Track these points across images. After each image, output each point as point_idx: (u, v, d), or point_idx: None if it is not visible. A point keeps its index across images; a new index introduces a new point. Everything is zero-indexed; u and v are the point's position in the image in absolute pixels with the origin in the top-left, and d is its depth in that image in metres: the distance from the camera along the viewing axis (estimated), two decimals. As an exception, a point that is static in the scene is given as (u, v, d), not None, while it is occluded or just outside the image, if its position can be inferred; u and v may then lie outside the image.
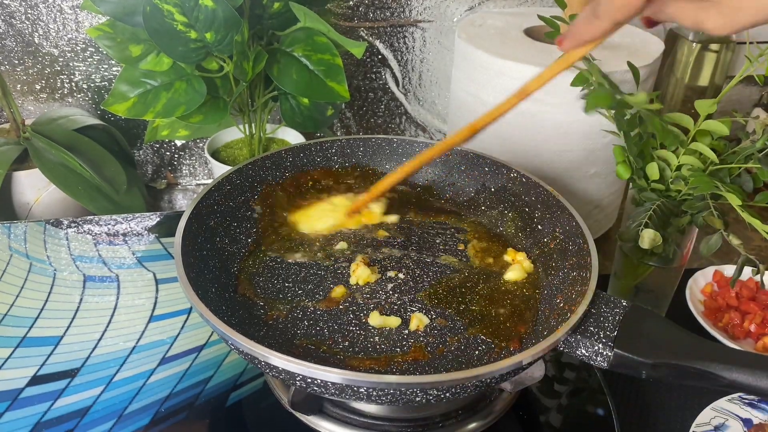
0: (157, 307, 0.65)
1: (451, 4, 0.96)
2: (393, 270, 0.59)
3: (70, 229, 0.75)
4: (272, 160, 0.67)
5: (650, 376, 0.45)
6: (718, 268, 0.78)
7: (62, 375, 0.57)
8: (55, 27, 0.88)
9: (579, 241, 0.56)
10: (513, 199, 0.67)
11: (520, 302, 0.57)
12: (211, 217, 0.59)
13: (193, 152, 1.00)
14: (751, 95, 1.06)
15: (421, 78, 1.02)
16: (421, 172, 0.72)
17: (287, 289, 0.57)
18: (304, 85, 0.78)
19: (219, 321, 0.45)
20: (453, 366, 0.50)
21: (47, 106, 0.93)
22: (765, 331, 0.70)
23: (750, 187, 0.63)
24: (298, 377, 0.43)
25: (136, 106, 0.76)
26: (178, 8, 0.68)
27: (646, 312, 0.49)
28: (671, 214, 0.63)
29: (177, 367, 0.59)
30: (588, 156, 0.77)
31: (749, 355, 0.44)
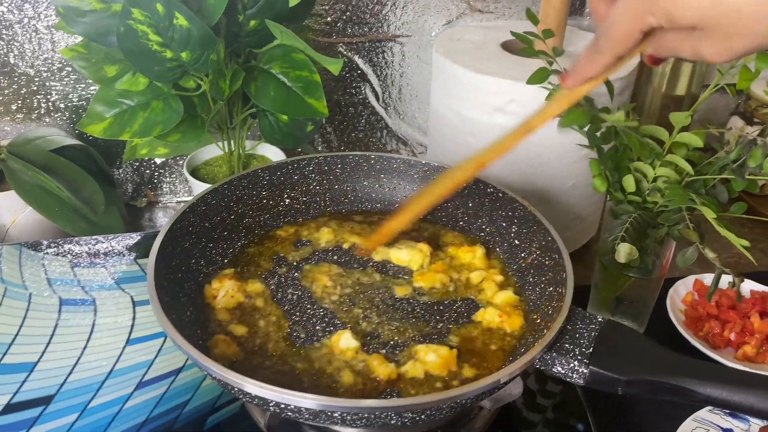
0: (134, 329, 0.64)
1: (428, 18, 0.97)
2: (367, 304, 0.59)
3: (50, 249, 0.74)
4: (248, 179, 0.66)
5: (626, 392, 0.45)
6: (699, 277, 0.79)
7: (36, 402, 0.56)
8: (31, 47, 0.87)
9: (555, 256, 0.56)
10: (490, 214, 0.67)
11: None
12: (186, 239, 0.59)
13: (173, 170, 1.00)
14: (728, 104, 1.07)
15: (401, 92, 1.02)
16: (397, 188, 0.72)
17: (263, 312, 0.56)
18: (282, 102, 0.77)
19: (190, 347, 0.44)
20: (430, 385, 0.49)
21: (24, 126, 0.92)
22: (745, 340, 0.70)
23: (725, 198, 0.63)
24: (272, 403, 0.42)
25: (113, 126, 0.75)
26: (152, 28, 0.68)
27: (622, 327, 0.49)
28: (648, 226, 0.63)
29: (154, 391, 0.58)
30: (566, 168, 0.78)
31: (724, 369, 0.45)
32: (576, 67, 0.43)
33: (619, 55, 0.39)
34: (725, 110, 1.07)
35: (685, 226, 0.59)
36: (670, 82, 0.98)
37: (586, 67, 0.42)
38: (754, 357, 0.69)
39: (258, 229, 0.67)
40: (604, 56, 0.40)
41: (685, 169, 0.61)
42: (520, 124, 0.50)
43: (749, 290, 0.77)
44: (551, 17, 0.78)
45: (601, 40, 0.40)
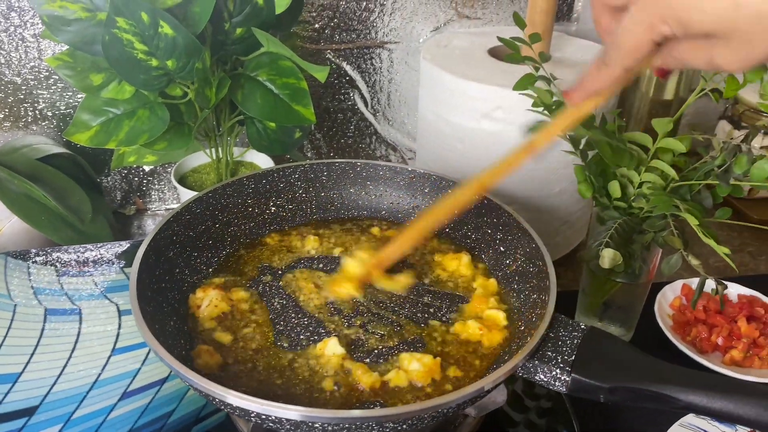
0: (119, 339, 0.64)
1: (416, 25, 0.97)
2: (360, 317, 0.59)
3: (38, 258, 0.74)
4: (233, 187, 0.66)
5: (608, 399, 0.45)
6: (687, 282, 0.79)
7: (19, 414, 0.55)
8: (18, 55, 0.87)
9: (539, 263, 0.56)
10: (476, 221, 0.67)
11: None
12: (170, 248, 0.59)
13: (161, 177, 0.99)
14: (716, 108, 1.07)
15: (390, 98, 1.02)
16: (384, 195, 0.72)
17: (247, 321, 0.56)
18: (269, 109, 0.77)
19: (172, 358, 0.44)
20: (414, 394, 0.49)
21: (11, 135, 0.92)
22: (732, 344, 0.70)
23: (710, 204, 0.63)
24: (253, 414, 0.42)
25: (99, 134, 0.75)
26: (137, 37, 0.68)
27: (604, 335, 0.49)
28: (634, 232, 0.63)
29: (138, 401, 0.58)
30: (552, 174, 0.78)
31: (705, 376, 0.45)
32: (582, 81, 0.42)
33: (628, 67, 0.38)
34: (714, 114, 1.08)
35: (670, 232, 0.59)
36: (658, 86, 0.98)
37: (593, 80, 0.41)
38: (741, 361, 0.69)
39: (243, 238, 0.67)
40: (613, 68, 0.39)
41: (670, 174, 0.61)
42: (523, 143, 0.48)
43: (736, 294, 0.77)
44: (538, 22, 0.78)
45: (609, 52, 0.38)
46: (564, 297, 0.52)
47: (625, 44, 0.37)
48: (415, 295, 0.60)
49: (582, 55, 0.84)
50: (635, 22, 0.36)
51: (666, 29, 0.34)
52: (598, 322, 0.72)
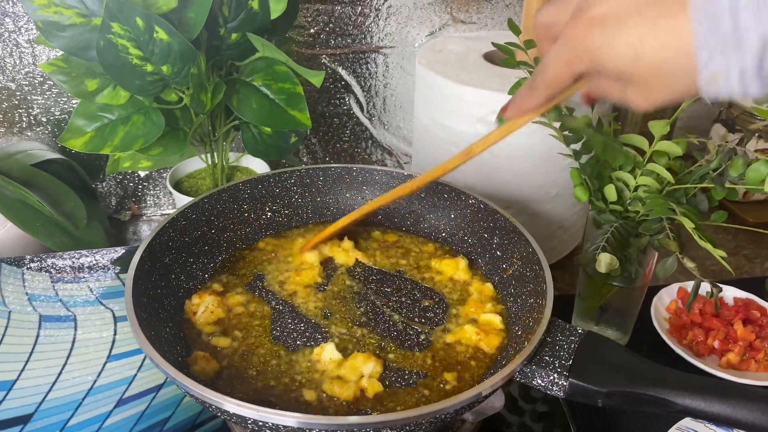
0: (115, 345, 0.64)
1: (411, 29, 0.97)
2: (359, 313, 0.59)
3: (33, 264, 0.74)
4: (229, 192, 0.66)
5: (605, 404, 0.45)
6: (683, 285, 0.79)
7: (14, 422, 0.55)
8: (12, 61, 0.87)
9: (536, 268, 0.56)
10: (472, 225, 0.67)
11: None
12: (165, 255, 0.58)
13: (156, 183, 0.99)
14: (711, 111, 1.08)
15: (386, 103, 1.02)
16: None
17: (244, 326, 0.56)
18: (264, 114, 0.77)
19: (168, 364, 0.44)
20: (411, 400, 0.49)
21: (5, 141, 0.91)
22: (728, 348, 0.70)
23: (705, 207, 0.64)
24: (250, 420, 0.42)
25: (93, 140, 0.75)
26: (132, 42, 0.68)
27: (601, 339, 0.49)
28: (630, 235, 0.63)
29: (134, 408, 0.57)
30: (549, 177, 0.78)
31: (701, 380, 0.45)
32: (515, 99, 0.45)
33: (551, 94, 0.41)
34: (708, 117, 1.08)
35: (666, 235, 0.59)
36: (653, 90, 0.98)
37: (523, 101, 0.44)
38: (737, 364, 0.69)
39: (239, 243, 0.66)
40: (539, 93, 0.42)
41: (666, 178, 0.61)
42: (463, 150, 0.53)
43: (732, 297, 0.77)
44: (532, 28, 0.78)
45: (536, 80, 0.41)
46: (560, 301, 0.52)
47: (547, 75, 0.40)
48: (411, 300, 0.60)
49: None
50: (555, 58, 0.38)
51: (582, 67, 0.37)
52: (594, 326, 0.72)
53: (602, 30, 0.34)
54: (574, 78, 0.38)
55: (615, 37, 0.34)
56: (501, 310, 0.59)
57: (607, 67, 0.35)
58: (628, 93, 0.37)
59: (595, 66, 0.36)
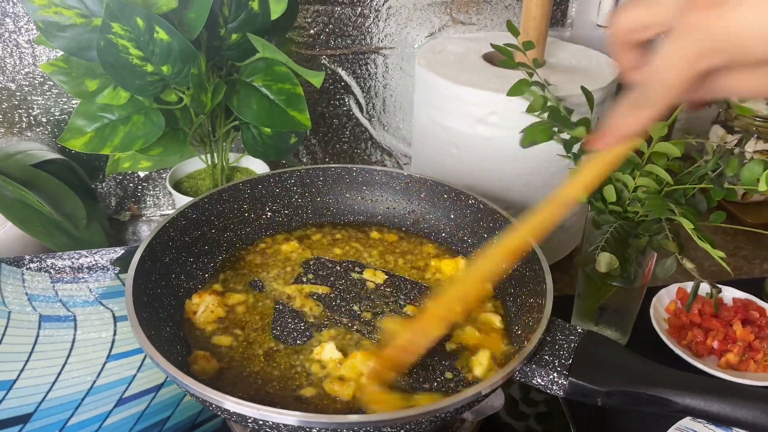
0: (115, 345, 0.64)
1: (411, 30, 0.97)
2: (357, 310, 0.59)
3: (33, 264, 0.74)
4: (229, 192, 0.66)
5: (605, 403, 0.45)
6: (682, 285, 0.79)
7: (14, 421, 0.55)
8: (12, 61, 0.87)
9: (535, 267, 0.56)
10: (472, 225, 0.67)
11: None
12: (165, 254, 0.58)
13: (156, 183, 0.99)
14: (710, 112, 1.08)
15: (385, 103, 1.02)
16: (380, 200, 0.72)
17: (244, 325, 0.56)
18: (264, 114, 0.77)
19: (168, 363, 0.44)
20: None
21: (5, 141, 0.91)
22: (728, 348, 0.71)
23: (704, 208, 0.64)
24: (250, 419, 0.42)
25: (93, 140, 0.75)
26: (132, 42, 0.68)
27: (601, 338, 0.49)
28: (629, 236, 0.63)
29: (134, 408, 0.57)
30: (548, 178, 0.78)
31: (701, 379, 0.45)
32: (612, 125, 0.38)
33: (670, 104, 0.35)
34: (707, 119, 1.08)
35: (665, 236, 0.60)
36: (652, 91, 0.99)
37: (629, 122, 0.37)
38: (736, 365, 0.69)
39: (239, 243, 0.66)
40: (653, 108, 0.35)
41: (665, 178, 0.61)
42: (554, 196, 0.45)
43: (731, 298, 0.78)
44: (531, 29, 0.79)
45: (647, 91, 0.35)
46: (560, 301, 0.52)
47: (667, 81, 0.33)
48: (411, 300, 0.60)
49: (576, 61, 0.85)
50: (677, 56, 0.33)
51: (716, 60, 0.31)
52: (594, 326, 0.73)
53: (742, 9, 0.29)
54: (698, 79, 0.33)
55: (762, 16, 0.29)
56: (500, 309, 0.59)
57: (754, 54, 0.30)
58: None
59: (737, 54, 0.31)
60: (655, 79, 0.34)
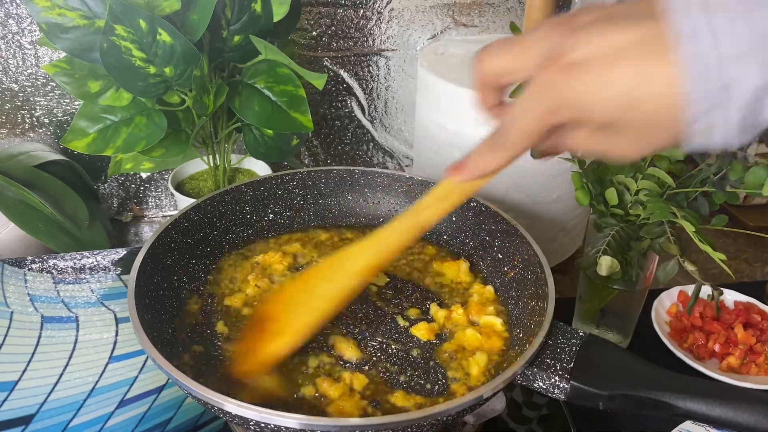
0: (117, 346, 0.64)
1: (413, 33, 0.97)
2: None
3: (35, 265, 0.74)
4: (232, 194, 0.66)
5: (607, 407, 0.45)
6: (683, 288, 0.79)
7: (16, 422, 0.55)
8: (15, 62, 0.87)
9: (537, 271, 0.56)
10: (474, 228, 0.67)
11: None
12: (168, 256, 0.59)
13: (158, 184, 0.99)
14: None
15: (387, 105, 1.02)
16: (381, 202, 0.72)
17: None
18: (266, 116, 0.78)
19: (170, 365, 0.44)
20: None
21: (8, 142, 0.92)
22: (729, 351, 0.70)
23: (706, 211, 0.64)
24: (252, 422, 0.42)
25: (96, 141, 0.75)
26: (135, 44, 0.68)
27: (602, 342, 0.49)
28: (631, 239, 0.64)
29: (136, 409, 0.57)
30: (550, 180, 0.78)
31: (703, 383, 0.45)
32: (471, 161, 0.40)
33: (521, 151, 0.37)
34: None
35: (666, 239, 0.60)
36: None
37: (483, 162, 0.39)
38: (738, 368, 0.69)
39: (241, 245, 0.66)
40: (506, 152, 0.37)
41: (667, 182, 0.61)
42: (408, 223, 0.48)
43: (733, 301, 0.77)
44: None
45: (502, 136, 0.36)
46: (561, 304, 0.52)
47: (520, 129, 0.35)
48: (413, 302, 0.60)
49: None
50: (529, 109, 0.34)
51: (564, 116, 0.33)
52: (595, 329, 0.73)
53: (589, 76, 0.31)
54: (547, 132, 0.34)
55: (606, 84, 0.31)
56: (502, 312, 0.59)
57: (598, 116, 0.32)
58: (613, 143, 0.33)
59: (581, 115, 0.32)
60: (510, 126, 0.36)
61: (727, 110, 0.29)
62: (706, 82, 0.29)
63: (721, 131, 0.30)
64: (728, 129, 0.30)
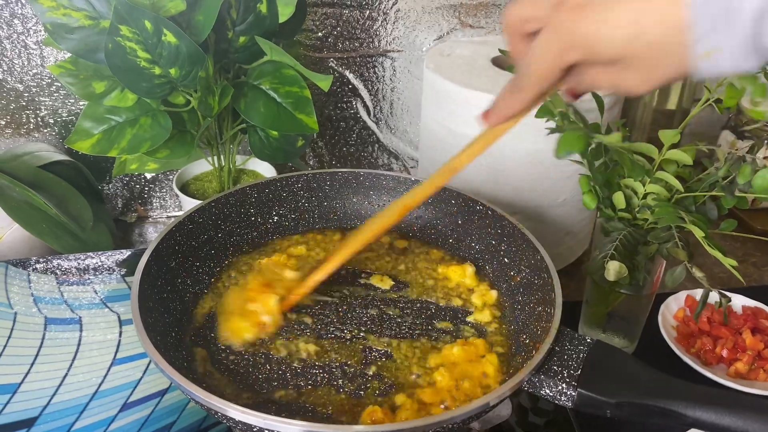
0: (120, 349, 0.64)
1: (419, 34, 0.97)
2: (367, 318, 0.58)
3: (39, 266, 0.74)
4: (236, 197, 0.66)
5: (614, 414, 0.45)
6: (690, 293, 0.78)
7: (18, 425, 0.55)
8: (20, 62, 0.87)
9: (544, 275, 0.55)
10: (480, 232, 0.66)
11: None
12: (172, 259, 0.58)
13: (163, 185, 0.99)
14: (720, 118, 1.07)
15: (392, 107, 1.02)
16: (386, 205, 0.71)
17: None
18: (272, 118, 0.77)
19: (173, 369, 0.44)
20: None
21: (13, 142, 0.91)
22: (737, 357, 0.70)
23: (715, 215, 0.63)
24: (255, 428, 0.42)
25: (101, 142, 0.75)
26: (140, 45, 0.68)
27: (610, 349, 0.48)
28: (639, 243, 0.63)
29: (139, 413, 0.57)
30: (556, 184, 0.78)
31: (712, 392, 0.44)
32: (496, 105, 0.42)
33: (540, 92, 0.39)
34: (717, 123, 1.07)
35: (674, 244, 0.59)
36: (661, 96, 0.98)
37: (507, 105, 0.41)
38: (746, 374, 0.68)
39: (246, 247, 0.66)
40: (526, 93, 0.39)
41: (675, 186, 0.61)
42: (444, 165, 0.50)
43: (741, 306, 0.77)
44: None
45: (522, 78, 0.39)
46: (567, 307, 0.51)
47: (536, 71, 0.37)
48: (418, 307, 0.60)
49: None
50: (544, 49, 0.36)
51: (574, 56, 0.35)
52: (601, 334, 0.72)
53: (595, 12, 0.33)
54: (564, 71, 0.37)
55: (610, 19, 0.33)
56: (507, 320, 0.58)
57: (605, 51, 0.34)
58: (624, 78, 0.35)
59: (590, 52, 0.34)
60: (527, 68, 0.38)
61: (731, 32, 0.30)
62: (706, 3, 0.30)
63: (727, 54, 0.31)
64: (734, 52, 0.31)
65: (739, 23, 0.30)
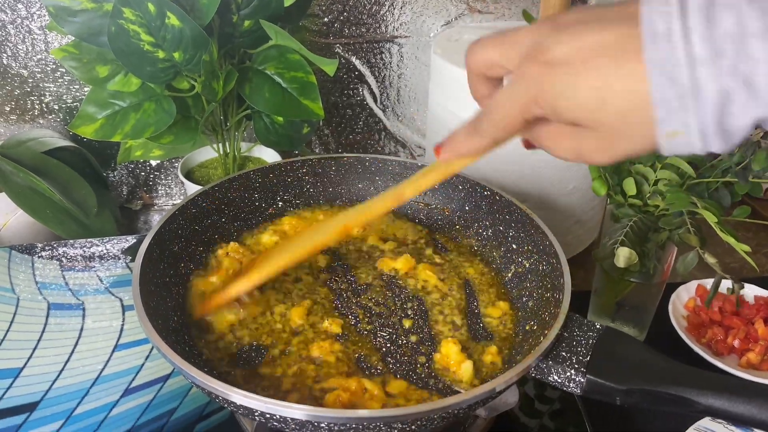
0: (123, 334, 0.63)
1: (427, 19, 0.95)
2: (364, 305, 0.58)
3: (44, 252, 0.73)
4: (240, 181, 0.65)
5: (624, 401, 0.44)
6: (701, 282, 0.77)
7: (20, 409, 0.54)
8: (24, 48, 0.86)
9: (552, 261, 0.54)
10: (488, 217, 0.65)
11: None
12: (174, 243, 0.58)
13: (168, 172, 0.98)
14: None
15: (399, 94, 1.01)
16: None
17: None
18: (277, 103, 0.76)
19: (174, 354, 0.43)
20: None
21: (17, 128, 0.91)
22: (749, 347, 0.69)
23: (728, 202, 0.62)
24: (257, 412, 0.41)
25: (104, 127, 0.74)
26: (144, 28, 0.67)
27: (620, 335, 0.47)
28: (649, 230, 0.62)
29: (141, 398, 0.57)
30: (565, 171, 0.76)
31: (725, 379, 0.43)
32: (452, 141, 0.41)
33: (498, 140, 0.38)
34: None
35: (686, 230, 0.58)
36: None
37: (462, 144, 0.40)
38: (758, 364, 0.67)
39: (249, 232, 0.65)
40: (484, 138, 0.38)
41: (687, 171, 0.60)
42: (390, 191, 0.49)
43: (753, 296, 0.75)
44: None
45: (482, 122, 0.38)
46: (576, 297, 0.50)
47: (498, 119, 0.36)
48: (420, 298, 0.59)
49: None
50: (509, 99, 0.35)
51: (538, 111, 0.34)
52: (611, 323, 0.71)
53: (565, 72, 0.32)
54: (527, 122, 0.35)
55: (579, 81, 0.31)
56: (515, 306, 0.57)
57: (570, 113, 0.33)
58: (586, 146, 0.34)
59: (553, 111, 0.33)
60: (489, 114, 0.37)
61: (696, 113, 0.29)
62: (674, 83, 0.29)
63: (694, 136, 0.30)
64: (701, 133, 0.29)
65: (702, 107, 0.29)
